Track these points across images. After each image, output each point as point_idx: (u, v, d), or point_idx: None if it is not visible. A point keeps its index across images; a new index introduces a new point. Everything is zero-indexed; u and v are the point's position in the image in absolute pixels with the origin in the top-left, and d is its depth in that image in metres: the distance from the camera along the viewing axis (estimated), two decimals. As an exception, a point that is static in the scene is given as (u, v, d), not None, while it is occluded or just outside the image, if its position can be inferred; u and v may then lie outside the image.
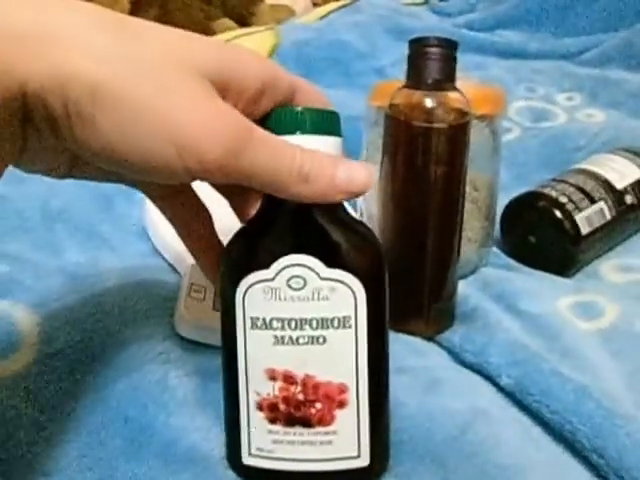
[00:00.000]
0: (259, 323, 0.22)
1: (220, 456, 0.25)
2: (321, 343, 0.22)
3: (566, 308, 0.37)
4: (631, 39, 0.75)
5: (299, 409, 0.23)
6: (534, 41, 0.82)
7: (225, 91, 0.21)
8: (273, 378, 0.23)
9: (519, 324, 0.35)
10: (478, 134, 0.38)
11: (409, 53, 0.32)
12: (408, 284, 0.34)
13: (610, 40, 0.76)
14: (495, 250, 0.45)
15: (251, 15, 0.92)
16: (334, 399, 0.23)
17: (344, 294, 0.22)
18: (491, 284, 0.39)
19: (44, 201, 0.43)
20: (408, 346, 0.33)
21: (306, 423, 0.23)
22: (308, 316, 0.22)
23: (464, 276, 0.40)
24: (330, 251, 0.23)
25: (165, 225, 0.40)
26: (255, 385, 0.23)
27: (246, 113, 0.22)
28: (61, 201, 0.44)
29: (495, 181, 0.43)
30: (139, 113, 0.19)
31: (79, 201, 0.44)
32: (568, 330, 0.35)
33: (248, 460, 0.24)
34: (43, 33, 0.19)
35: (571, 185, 0.43)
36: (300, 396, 0.23)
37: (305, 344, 0.22)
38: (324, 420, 0.23)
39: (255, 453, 0.24)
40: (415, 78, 0.32)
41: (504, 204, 0.44)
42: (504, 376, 0.31)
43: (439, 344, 0.35)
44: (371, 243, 0.24)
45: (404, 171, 0.33)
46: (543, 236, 0.42)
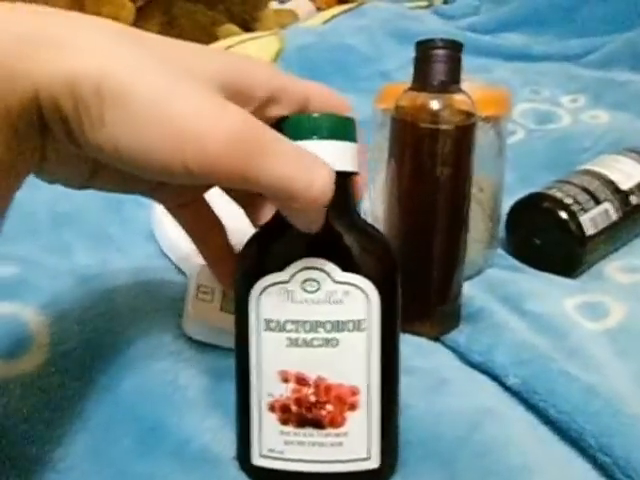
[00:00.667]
0: (273, 325, 0.23)
1: (230, 456, 0.26)
2: (334, 346, 0.23)
3: (572, 308, 0.37)
4: (635, 40, 0.75)
5: (311, 410, 0.23)
6: (538, 43, 0.82)
7: (233, 99, 0.21)
8: (286, 380, 0.23)
9: (525, 324, 0.35)
10: (483, 136, 0.38)
11: (415, 55, 0.33)
12: (414, 285, 0.34)
13: (615, 41, 0.76)
14: (500, 251, 0.45)
15: (255, 20, 0.93)
16: (345, 401, 0.23)
17: (358, 298, 0.22)
18: (496, 285, 0.40)
19: (53, 204, 0.44)
20: (414, 347, 0.34)
21: (317, 424, 0.23)
22: (322, 319, 0.23)
23: (469, 277, 0.40)
24: (344, 255, 0.23)
25: (172, 228, 0.40)
26: (267, 386, 0.23)
27: (263, 119, 0.21)
28: (70, 204, 0.44)
29: (500, 182, 0.43)
30: (144, 110, 0.19)
31: (88, 204, 0.44)
32: (574, 330, 0.35)
33: (259, 461, 0.24)
34: (52, 37, 0.19)
35: (576, 186, 0.43)
36: (312, 398, 0.23)
37: (318, 346, 0.23)
38: (335, 422, 0.23)
39: (266, 454, 0.24)
40: (421, 80, 0.33)
41: (509, 205, 0.45)
42: (511, 376, 0.31)
43: (445, 345, 0.35)
44: (384, 247, 0.24)
45: (410, 173, 0.34)
46: (548, 237, 0.43)
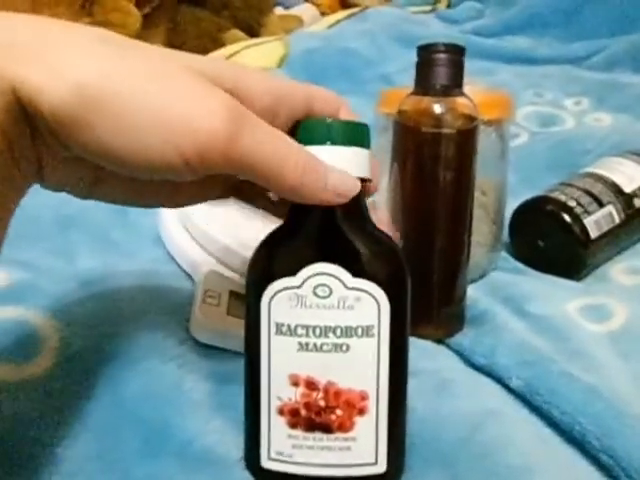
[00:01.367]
0: (284, 329, 0.23)
1: (235, 458, 0.26)
2: (344, 351, 0.23)
3: (575, 311, 0.37)
4: (638, 43, 0.75)
5: (320, 415, 0.23)
6: (542, 46, 0.82)
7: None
8: (295, 384, 0.23)
9: (528, 327, 0.35)
10: (486, 139, 0.38)
11: (417, 59, 0.33)
12: (418, 288, 0.34)
13: (617, 44, 0.76)
14: (504, 254, 0.45)
15: (260, 26, 0.93)
16: (355, 406, 0.23)
17: (369, 304, 0.23)
18: (500, 288, 0.40)
19: (59, 209, 0.44)
20: (418, 349, 0.34)
21: (326, 429, 0.23)
22: (332, 324, 0.23)
23: (473, 280, 0.40)
24: (356, 261, 0.23)
25: (179, 232, 0.41)
26: (277, 390, 0.23)
27: None
28: (76, 209, 0.44)
29: (503, 185, 0.43)
30: (129, 106, 0.19)
31: (93, 208, 0.45)
32: (577, 332, 0.35)
33: (267, 463, 0.24)
34: (32, 40, 0.19)
35: (579, 189, 0.43)
36: (321, 402, 0.23)
37: (329, 351, 0.23)
38: (344, 426, 0.23)
39: (274, 457, 0.24)
40: (423, 84, 0.33)
41: (513, 208, 0.45)
42: (514, 378, 0.31)
43: (449, 347, 0.35)
44: (395, 253, 0.24)
45: (413, 176, 0.34)
46: (552, 240, 0.43)
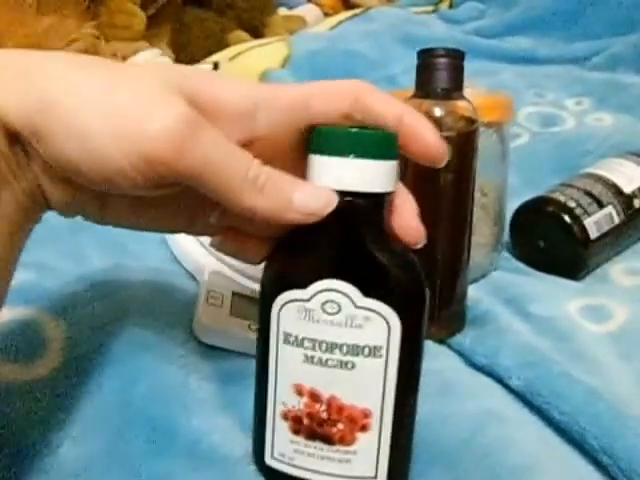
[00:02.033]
0: (291, 339, 0.23)
1: (239, 456, 0.26)
2: (349, 368, 0.22)
3: (576, 311, 0.38)
4: (640, 43, 0.75)
5: (322, 426, 0.23)
6: (543, 46, 0.82)
7: (198, 104, 0.21)
8: (300, 393, 0.23)
9: (529, 327, 0.36)
10: (486, 141, 0.38)
11: (418, 63, 0.33)
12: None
13: (619, 44, 0.76)
14: (505, 254, 0.45)
15: (264, 26, 0.93)
16: (357, 422, 0.23)
17: (378, 325, 0.22)
18: (501, 288, 0.40)
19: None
20: (420, 349, 0.34)
21: (327, 440, 0.23)
22: (339, 341, 0.22)
23: (474, 280, 0.40)
24: (369, 280, 0.22)
25: (183, 234, 0.41)
26: (282, 396, 0.23)
27: (241, 133, 0.22)
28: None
29: (504, 186, 0.43)
30: (81, 113, 0.19)
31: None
32: (578, 333, 0.35)
33: (270, 462, 0.25)
34: (6, 64, 0.20)
35: (580, 190, 0.44)
36: (324, 414, 0.23)
37: (333, 367, 0.22)
38: (345, 440, 0.23)
39: (277, 457, 0.24)
40: (424, 87, 0.33)
41: (514, 209, 0.45)
42: (514, 378, 0.31)
43: (450, 347, 0.35)
44: (415, 275, 0.23)
45: (414, 179, 0.34)
46: (552, 240, 0.43)
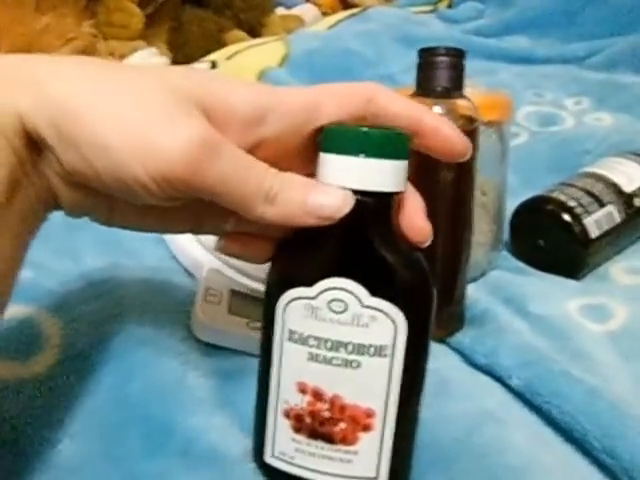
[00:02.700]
0: (296, 337, 0.23)
1: (237, 455, 0.26)
2: (354, 367, 0.22)
3: (576, 310, 0.38)
4: (639, 42, 0.75)
5: (324, 425, 0.23)
6: (542, 46, 0.82)
7: (210, 117, 0.21)
8: (303, 391, 0.23)
9: (529, 326, 0.36)
10: (486, 140, 0.38)
11: (418, 62, 0.33)
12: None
13: (618, 44, 0.76)
14: (504, 253, 0.45)
15: (262, 26, 0.93)
16: (359, 422, 0.23)
17: (384, 324, 0.22)
18: (501, 287, 0.40)
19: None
20: (419, 348, 0.34)
21: (328, 439, 0.23)
22: (344, 340, 0.22)
23: (474, 279, 0.40)
24: (376, 279, 0.22)
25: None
26: (285, 394, 0.23)
27: (251, 137, 0.22)
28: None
29: (503, 185, 0.43)
30: (106, 130, 0.20)
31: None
32: (578, 332, 0.35)
33: (270, 460, 0.24)
34: (27, 71, 0.21)
35: (580, 189, 0.44)
36: (326, 413, 0.23)
37: (338, 366, 0.22)
38: (347, 440, 0.23)
39: (277, 455, 0.24)
40: (424, 86, 0.33)
41: (513, 208, 0.45)
42: (514, 377, 0.31)
43: (449, 346, 0.35)
44: (422, 274, 0.23)
45: (414, 177, 0.34)
46: (552, 239, 0.43)
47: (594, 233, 0.42)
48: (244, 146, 0.22)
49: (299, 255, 0.23)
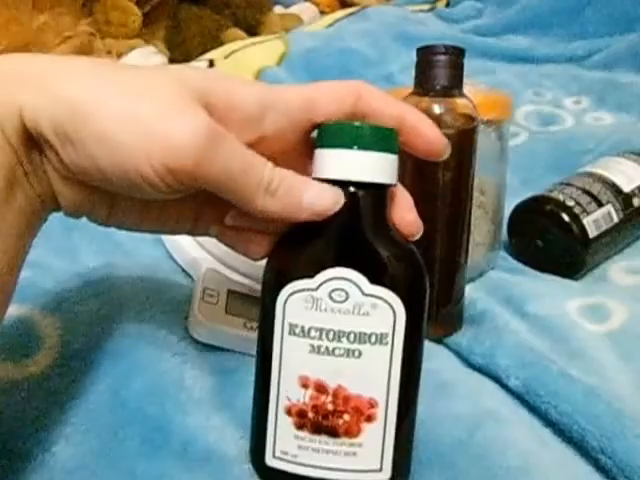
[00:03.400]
0: (297, 330, 0.23)
1: (235, 455, 0.26)
2: (356, 357, 0.23)
3: (574, 310, 0.37)
4: (639, 42, 0.75)
5: (327, 418, 0.23)
6: (542, 45, 0.82)
7: (212, 107, 0.21)
8: (305, 385, 0.23)
9: (527, 326, 0.36)
10: (485, 139, 0.38)
11: (417, 60, 0.33)
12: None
13: (618, 43, 0.76)
14: (503, 253, 0.45)
15: (260, 24, 0.93)
16: (363, 412, 0.23)
17: (385, 311, 0.22)
18: (499, 287, 0.40)
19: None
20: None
21: (332, 433, 0.23)
22: (346, 329, 0.22)
23: (472, 279, 0.40)
24: (375, 267, 0.23)
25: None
26: (286, 390, 0.23)
27: (251, 134, 0.22)
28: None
29: (502, 185, 0.43)
30: (113, 124, 0.20)
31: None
32: (576, 332, 0.35)
33: (271, 462, 0.24)
34: (30, 69, 0.21)
35: (578, 188, 0.43)
36: (330, 406, 0.23)
37: (340, 356, 0.23)
38: (350, 432, 0.23)
39: (279, 456, 0.24)
40: (423, 85, 0.33)
41: (512, 208, 0.45)
42: (512, 378, 0.31)
43: (448, 347, 0.35)
44: (416, 263, 0.24)
45: (412, 176, 0.34)
46: (551, 239, 0.43)
47: (593, 233, 0.42)
48: (244, 142, 0.22)
49: (297, 249, 0.24)
